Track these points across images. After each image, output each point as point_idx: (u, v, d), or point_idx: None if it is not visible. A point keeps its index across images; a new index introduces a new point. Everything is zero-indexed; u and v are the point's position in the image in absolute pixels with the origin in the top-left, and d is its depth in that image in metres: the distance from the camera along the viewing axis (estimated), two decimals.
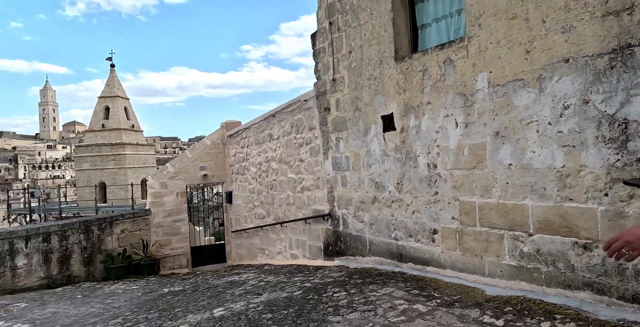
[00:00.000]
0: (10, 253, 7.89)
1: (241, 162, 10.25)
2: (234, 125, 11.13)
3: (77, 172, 23.34)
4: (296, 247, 7.69)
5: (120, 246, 9.76)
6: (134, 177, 22.72)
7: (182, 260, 10.55)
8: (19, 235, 8.01)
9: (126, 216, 9.92)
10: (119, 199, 21.81)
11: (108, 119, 23.56)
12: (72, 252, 8.84)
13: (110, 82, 24.18)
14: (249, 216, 9.99)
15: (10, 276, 7.86)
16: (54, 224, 8.55)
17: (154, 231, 10.45)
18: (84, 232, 9.06)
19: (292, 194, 7.70)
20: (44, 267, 8.36)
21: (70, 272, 8.80)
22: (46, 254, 8.41)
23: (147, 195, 10.69)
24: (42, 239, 8.36)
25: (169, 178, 10.66)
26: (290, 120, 7.64)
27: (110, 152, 22.67)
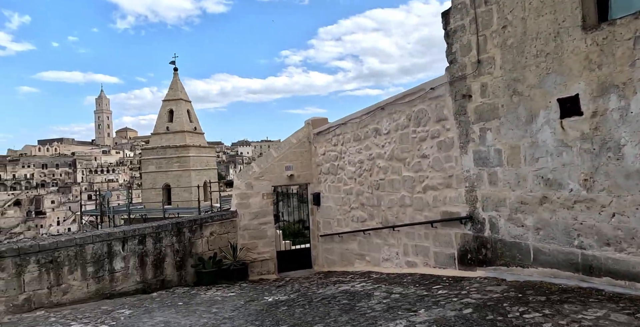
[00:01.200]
0: (109, 256, 7.56)
1: (333, 161, 9.58)
2: (321, 122, 10.51)
3: (143, 175, 23.65)
4: (414, 254, 6.89)
5: (209, 249, 9.31)
6: (197, 180, 22.76)
7: (269, 265, 9.99)
8: (117, 237, 7.68)
9: (215, 218, 9.48)
10: (183, 201, 21.83)
11: (172, 122, 23.75)
12: (166, 256, 8.45)
13: (174, 85, 24.42)
14: (343, 219, 9.29)
15: (108, 280, 7.53)
16: (149, 226, 8.18)
17: (240, 234, 9.96)
18: (176, 234, 8.67)
19: (409, 195, 6.91)
20: (139, 271, 8.00)
21: (164, 277, 8.41)
22: (142, 258, 8.05)
23: (233, 196, 10.23)
24: (137, 241, 8.00)
25: (254, 178, 10.16)
26: (407, 113, 6.87)
27: (174, 155, 22.80)
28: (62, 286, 6.99)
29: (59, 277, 6.95)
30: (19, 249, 6.54)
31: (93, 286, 7.36)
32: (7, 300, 6.39)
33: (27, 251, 6.62)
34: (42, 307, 6.74)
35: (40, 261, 6.77)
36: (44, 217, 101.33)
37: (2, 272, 6.37)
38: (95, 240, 7.41)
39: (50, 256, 6.89)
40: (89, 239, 7.33)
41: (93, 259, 7.39)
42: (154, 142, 23.85)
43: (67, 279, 7.06)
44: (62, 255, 7.02)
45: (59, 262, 6.97)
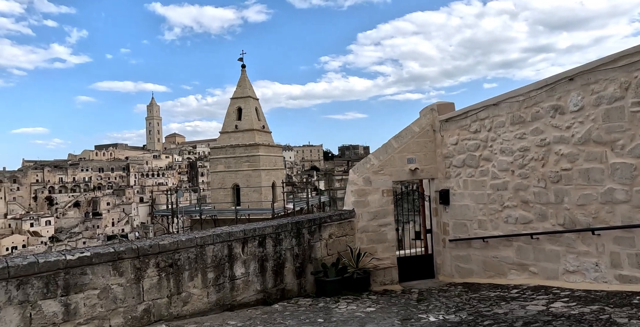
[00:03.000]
0: (229, 259, 6.38)
1: (472, 152, 8.04)
2: (447, 107, 9.00)
3: (212, 174, 22.94)
4: (634, 265, 5.22)
5: (328, 254, 7.99)
6: (267, 180, 21.76)
7: (392, 274, 8.53)
8: (237, 237, 6.49)
9: (334, 218, 8.14)
10: (252, 202, 20.88)
11: (241, 120, 22.95)
12: (285, 261, 7.19)
13: (242, 82, 23.65)
14: (488, 221, 7.71)
15: (229, 288, 6.34)
16: (268, 225, 6.95)
17: (358, 237, 8.59)
18: (295, 236, 7.40)
19: (624, 188, 5.27)
20: (259, 278, 6.77)
21: (284, 286, 7.15)
22: (262, 262, 6.82)
23: (347, 193, 8.88)
24: (257, 243, 6.78)
25: (373, 172, 8.77)
26: (623, 80, 5.25)
27: (244, 154, 21.93)
28: (182, 294, 5.84)
29: (179, 284, 5.81)
30: (138, 249, 5.44)
31: (213, 295, 6.18)
32: (126, 311, 5.29)
33: (146, 252, 5.52)
34: (162, 320, 5.61)
35: (159, 264, 5.65)
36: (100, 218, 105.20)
37: (121, 277, 5.28)
38: (215, 240, 6.24)
39: (171, 259, 5.76)
40: (209, 239, 6.16)
41: (213, 263, 6.22)
42: (222, 141, 23.08)
43: (187, 287, 5.91)
44: (182, 257, 5.88)
45: (179, 266, 5.83)
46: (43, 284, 4.71)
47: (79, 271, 4.96)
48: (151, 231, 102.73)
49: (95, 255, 5.08)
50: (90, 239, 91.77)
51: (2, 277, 4.46)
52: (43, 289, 4.70)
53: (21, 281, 4.58)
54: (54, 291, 4.77)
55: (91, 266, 5.05)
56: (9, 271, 4.49)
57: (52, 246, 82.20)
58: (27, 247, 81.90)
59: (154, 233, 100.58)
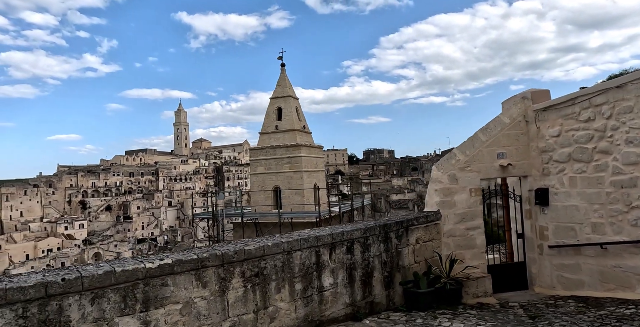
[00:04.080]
0: (317, 268, 5.49)
1: (582, 144, 6.94)
2: (543, 95, 7.93)
3: (251, 176, 22.25)
4: None
5: (415, 261, 7.01)
6: (308, 182, 20.91)
7: (485, 284, 7.47)
8: (325, 242, 5.60)
9: (420, 220, 7.17)
10: (294, 205, 20.03)
11: (281, 120, 22.22)
12: (374, 269, 6.26)
13: (282, 82, 22.94)
14: (608, 223, 6.59)
15: (317, 301, 5.45)
16: (356, 229, 6.04)
17: (444, 242, 7.58)
18: (383, 241, 6.46)
19: None
20: (348, 290, 5.85)
21: (373, 298, 6.20)
22: (350, 271, 5.90)
23: (430, 192, 7.88)
24: (345, 249, 5.88)
25: (458, 169, 7.76)
26: None
27: (285, 155, 21.15)
28: (269, 309, 4.97)
29: (265, 297, 4.95)
30: (223, 256, 4.60)
31: (301, 310, 5.29)
32: None
33: (231, 259, 4.67)
34: None
35: (245, 274, 4.80)
36: (130, 221, 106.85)
37: (204, 289, 4.45)
38: (302, 245, 5.36)
39: (257, 267, 4.90)
40: (296, 244, 5.29)
41: (301, 272, 5.34)
42: (262, 142, 22.36)
43: (274, 300, 5.04)
44: (268, 265, 5.02)
45: (265, 275, 4.97)
46: (120, 298, 3.91)
47: (159, 282, 4.15)
48: (179, 234, 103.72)
49: (177, 262, 4.26)
50: (121, 242, 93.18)
51: (75, 290, 3.67)
52: (120, 303, 3.90)
53: (96, 295, 3.79)
54: (132, 306, 3.96)
55: (172, 276, 4.24)
56: (82, 282, 3.71)
57: (85, 249, 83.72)
58: (62, 250, 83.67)
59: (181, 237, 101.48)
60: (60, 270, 3.90)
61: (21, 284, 3.44)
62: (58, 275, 3.69)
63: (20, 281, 3.52)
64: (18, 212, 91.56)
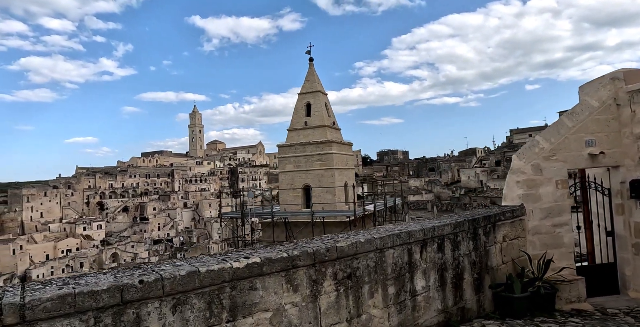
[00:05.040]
0: (409, 268, 4.71)
1: None
2: (637, 75, 7.03)
3: (280, 175, 21.53)
4: None
5: (502, 261, 6.18)
6: (339, 180, 20.10)
7: (578, 288, 6.58)
8: (417, 238, 4.81)
9: (507, 215, 6.33)
10: (324, 203, 19.23)
11: (310, 116, 21.47)
12: (464, 270, 5.45)
13: (310, 76, 22.20)
14: None
15: (410, 308, 4.66)
16: (446, 223, 5.23)
17: (529, 240, 6.73)
18: (472, 238, 5.65)
19: None
20: (440, 294, 5.05)
21: (464, 303, 5.39)
22: (441, 272, 5.11)
23: (510, 185, 7.02)
24: (436, 247, 5.08)
25: (543, 158, 6.91)
26: None
27: (315, 152, 20.38)
28: (362, 317, 4.20)
29: (358, 303, 4.17)
30: (315, 253, 3.84)
31: (395, 318, 4.50)
32: None
33: (323, 258, 3.91)
34: None
35: (337, 275, 4.03)
36: (147, 222, 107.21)
37: (295, 294, 3.69)
38: (395, 242, 4.57)
39: (349, 267, 4.14)
40: (388, 241, 4.50)
41: (394, 274, 4.55)
42: (291, 138, 21.61)
43: (367, 306, 4.26)
44: (361, 266, 4.25)
45: (357, 277, 4.20)
46: (205, 305, 3.17)
47: (247, 285, 3.41)
48: (195, 235, 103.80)
49: (266, 261, 3.51)
50: (138, 243, 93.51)
51: (155, 295, 2.94)
52: (205, 311, 3.17)
53: (178, 301, 3.06)
54: (218, 315, 3.23)
55: (261, 278, 3.49)
56: (163, 285, 2.98)
57: (103, 249, 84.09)
58: (80, 250, 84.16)
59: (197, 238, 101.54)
60: (132, 270, 3.18)
61: (93, 288, 2.72)
62: (133, 276, 2.96)
63: (90, 283, 2.80)
64: (38, 213, 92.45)
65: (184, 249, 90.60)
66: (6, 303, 2.43)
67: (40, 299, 2.53)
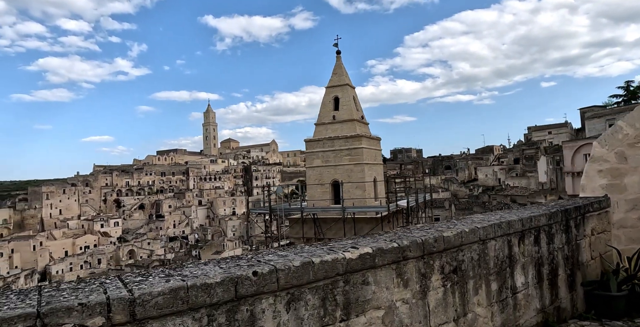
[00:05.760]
0: (510, 263, 4.22)
1: None
2: None
3: (308, 170, 21.09)
4: None
5: (591, 256, 5.64)
6: (369, 175, 19.58)
7: None
8: (516, 229, 4.31)
9: (594, 206, 5.78)
10: (354, 199, 18.73)
11: (338, 110, 20.96)
12: (558, 266, 4.93)
13: (338, 70, 21.68)
14: None
15: (511, 306, 4.17)
16: (541, 214, 4.70)
17: (614, 234, 6.17)
18: (564, 230, 5.12)
19: None
20: (537, 292, 4.55)
21: (559, 303, 4.88)
22: (538, 268, 4.60)
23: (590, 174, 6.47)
24: (533, 239, 4.58)
25: (627, 145, 6.34)
26: None
27: (344, 147, 19.88)
28: (468, 316, 3.72)
29: (464, 301, 3.70)
30: (424, 244, 3.38)
31: (498, 318, 4.02)
32: None
33: (431, 249, 3.44)
34: None
35: (443, 269, 3.56)
36: (162, 220, 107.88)
37: (405, 289, 3.23)
38: (496, 233, 4.08)
39: (454, 260, 3.66)
40: (491, 231, 4.01)
41: (495, 268, 4.07)
42: (319, 133, 21.11)
43: (472, 304, 3.78)
44: (465, 258, 3.76)
45: (462, 271, 3.72)
46: (319, 302, 2.73)
47: (359, 279, 2.95)
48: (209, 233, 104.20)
49: (378, 252, 3.05)
50: (154, 240, 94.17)
51: (269, 289, 2.50)
52: (319, 309, 2.72)
53: (292, 296, 2.61)
54: (332, 313, 2.78)
55: (373, 271, 3.03)
56: (277, 278, 2.54)
57: (120, 246, 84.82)
58: (98, 247, 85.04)
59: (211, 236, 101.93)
60: (237, 260, 2.74)
61: (206, 281, 2.28)
62: (241, 267, 2.53)
63: (197, 275, 2.37)
64: (57, 210, 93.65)
65: (199, 247, 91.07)
66: (114, 298, 2.01)
67: (151, 293, 2.10)
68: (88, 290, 2.12)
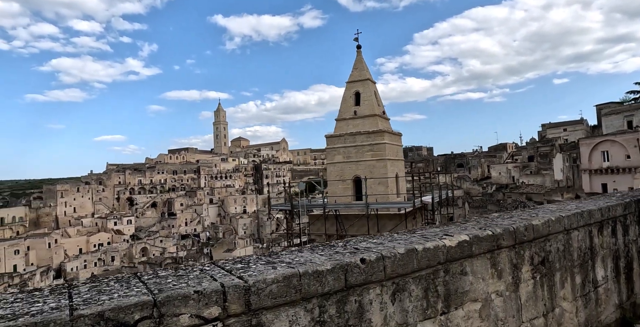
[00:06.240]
0: (591, 255, 3.95)
1: None
2: None
3: (329, 166, 20.86)
4: None
5: None
6: (391, 171, 19.28)
7: None
8: (596, 219, 4.04)
9: None
10: (376, 195, 18.42)
11: (359, 105, 20.68)
12: (632, 259, 4.65)
13: (358, 64, 21.39)
14: None
15: (594, 301, 3.90)
16: (618, 203, 4.45)
17: None
18: (637, 221, 4.84)
19: None
20: (616, 286, 4.28)
21: (635, 298, 4.60)
22: (615, 260, 4.33)
23: None
24: (610, 230, 4.31)
25: None
26: None
27: (366, 142, 19.60)
28: (556, 311, 3.46)
29: (551, 294, 3.44)
30: (515, 232, 3.13)
31: (582, 313, 3.75)
32: None
33: (522, 238, 3.19)
34: None
35: (533, 260, 3.30)
36: (175, 218, 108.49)
37: (499, 281, 2.98)
38: (579, 222, 3.82)
39: (542, 251, 3.40)
40: (574, 221, 3.75)
41: (579, 260, 3.80)
42: (339, 129, 20.84)
43: (559, 299, 3.53)
44: (552, 249, 3.51)
45: (550, 263, 3.47)
46: (422, 292, 2.50)
47: (458, 268, 2.71)
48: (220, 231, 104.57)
49: (474, 240, 2.81)
50: (167, 238, 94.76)
51: (377, 278, 2.27)
52: (422, 301, 2.49)
53: (397, 286, 2.39)
54: (433, 306, 2.55)
55: (470, 260, 2.79)
56: (384, 266, 2.31)
57: (133, 244, 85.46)
58: (112, 244, 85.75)
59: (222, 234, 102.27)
60: (331, 247, 2.52)
61: (317, 268, 2.06)
62: (345, 254, 2.31)
63: (303, 261, 2.15)
64: (71, 208, 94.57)
65: (211, 244, 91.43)
66: (229, 285, 1.80)
67: (265, 280, 1.89)
68: (193, 277, 1.91)
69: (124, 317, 1.55)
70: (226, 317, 1.77)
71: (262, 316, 1.87)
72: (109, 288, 1.78)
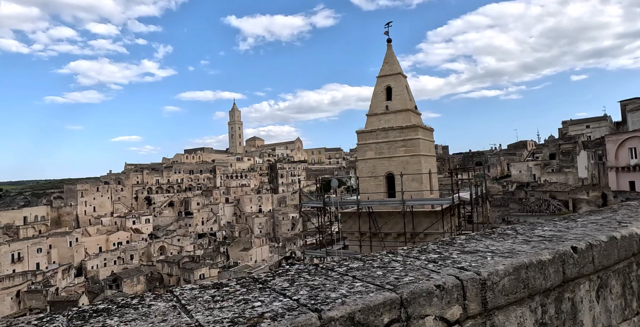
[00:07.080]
0: None
1: None
2: None
3: (360, 162, 20.49)
4: None
5: None
6: (425, 167, 18.79)
7: None
8: None
9: None
10: (412, 192, 17.90)
11: (391, 100, 20.23)
12: None
13: (389, 58, 20.93)
14: None
15: None
16: None
17: None
18: None
19: None
20: None
21: None
22: None
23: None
24: None
25: None
26: None
27: (399, 138, 19.14)
28: None
29: None
30: None
31: None
32: None
33: None
34: None
35: None
36: (191, 217, 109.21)
37: None
38: None
39: None
40: None
41: None
42: (371, 124, 20.43)
43: None
44: None
45: None
46: (620, 289, 2.13)
47: None
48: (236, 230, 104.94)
49: None
50: (184, 237, 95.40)
51: (587, 270, 1.92)
52: (621, 299, 2.12)
53: (601, 281, 2.02)
54: (629, 304, 2.18)
55: None
56: (592, 257, 1.94)
57: (152, 243, 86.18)
58: (130, 243, 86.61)
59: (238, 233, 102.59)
60: (503, 235, 2.16)
61: (540, 257, 1.71)
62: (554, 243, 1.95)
63: (503, 251, 1.80)
64: (91, 208, 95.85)
65: (227, 243, 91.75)
66: (466, 279, 1.45)
67: (497, 272, 1.54)
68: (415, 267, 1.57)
69: (374, 320, 1.21)
70: (465, 319, 1.43)
71: (495, 318, 1.53)
72: (319, 282, 1.45)
